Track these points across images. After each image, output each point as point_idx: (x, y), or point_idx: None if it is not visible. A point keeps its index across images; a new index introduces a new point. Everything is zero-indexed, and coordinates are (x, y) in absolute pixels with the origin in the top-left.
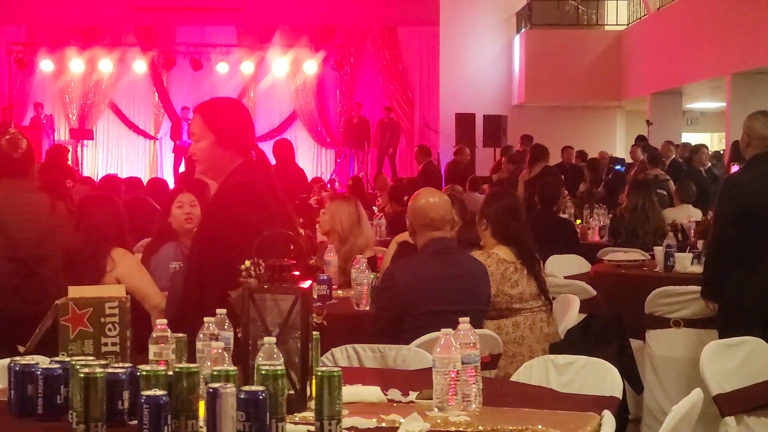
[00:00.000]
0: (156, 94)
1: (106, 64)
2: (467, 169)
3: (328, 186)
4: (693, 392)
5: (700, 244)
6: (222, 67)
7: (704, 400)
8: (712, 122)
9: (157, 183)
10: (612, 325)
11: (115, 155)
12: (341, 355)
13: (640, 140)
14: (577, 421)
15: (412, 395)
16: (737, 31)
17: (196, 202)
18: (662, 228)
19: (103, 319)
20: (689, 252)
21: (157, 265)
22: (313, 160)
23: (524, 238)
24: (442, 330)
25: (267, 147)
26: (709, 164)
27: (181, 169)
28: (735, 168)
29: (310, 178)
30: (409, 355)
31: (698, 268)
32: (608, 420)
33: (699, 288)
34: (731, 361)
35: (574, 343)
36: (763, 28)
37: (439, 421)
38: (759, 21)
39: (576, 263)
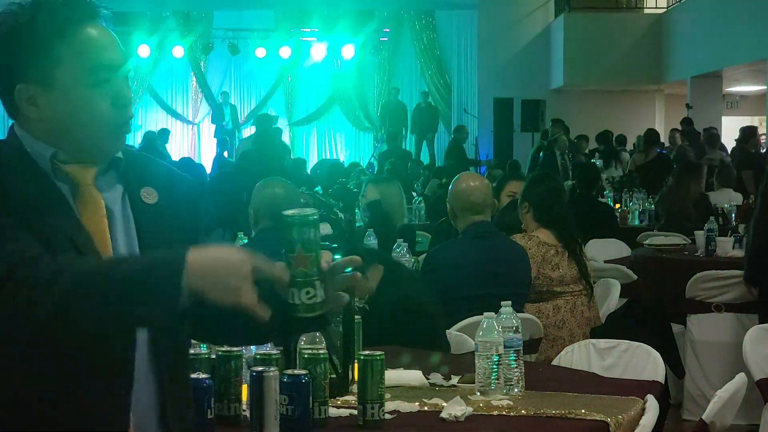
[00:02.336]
0: (194, 78)
1: (144, 49)
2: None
3: (367, 170)
4: (737, 377)
5: (741, 228)
6: (260, 52)
7: (747, 385)
8: (752, 105)
9: (196, 169)
10: (653, 310)
11: None
12: None
13: (685, 123)
14: (621, 405)
15: (454, 379)
16: None
17: None
18: (687, 211)
19: None
20: (730, 236)
21: None
22: (350, 145)
23: (566, 221)
24: (484, 314)
25: (305, 131)
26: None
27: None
28: None
29: (347, 163)
30: (452, 339)
31: (739, 252)
32: (652, 404)
33: (740, 272)
34: None
35: (615, 327)
36: None
37: (481, 404)
38: None
39: (616, 247)
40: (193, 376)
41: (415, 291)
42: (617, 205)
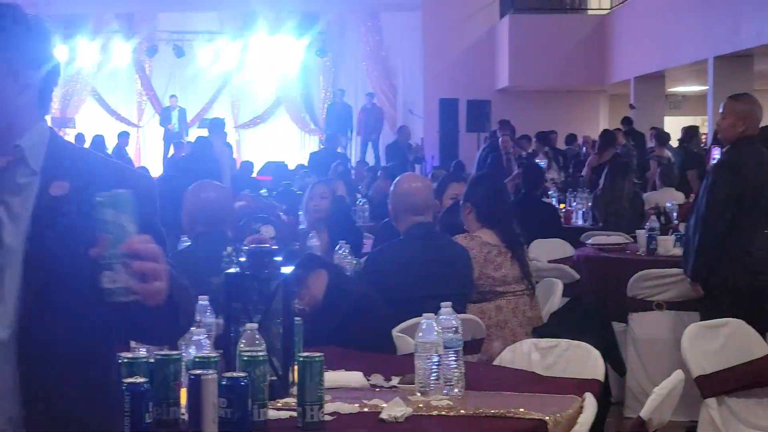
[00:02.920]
0: (139, 81)
1: (88, 52)
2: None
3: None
4: (674, 374)
5: (681, 227)
6: (205, 54)
7: (686, 382)
8: (694, 105)
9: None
10: (594, 309)
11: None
12: None
13: (626, 122)
14: (559, 404)
15: (395, 380)
16: (719, 14)
17: None
18: (623, 211)
19: None
20: (672, 235)
21: None
22: (296, 147)
23: (508, 221)
24: (423, 315)
25: (251, 134)
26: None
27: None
28: (716, 151)
29: (293, 165)
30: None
31: (680, 251)
32: (590, 402)
33: (681, 270)
34: (712, 342)
35: (557, 326)
36: (744, 11)
37: (421, 405)
38: (740, 3)
39: (560, 247)
40: (130, 380)
41: (365, 292)
42: (562, 205)
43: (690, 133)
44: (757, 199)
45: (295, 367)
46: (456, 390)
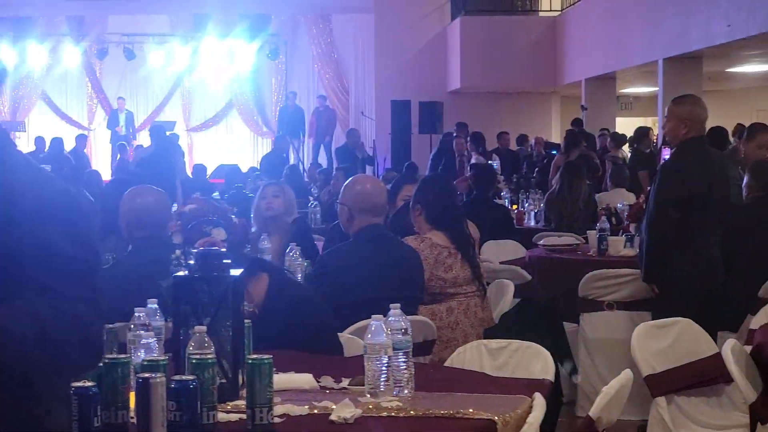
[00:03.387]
0: (89, 84)
1: (37, 55)
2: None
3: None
4: (623, 373)
5: (632, 227)
6: (156, 57)
7: (635, 381)
8: (645, 106)
9: (92, 175)
10: (546, 309)
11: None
12: None
13: (576, 124)
14: (508, 404)
15: (345, 382)
16: (668, 15)
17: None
18: (578, 212)
19: None
20: (622, 235)
21: None
22: (249, 150)
23: (459, 222)
24: (372, 316)
25: (203, 137)
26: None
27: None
28: (666, 151)
29: (246, 168)
30: (343, 342)
31: (631, 251)
32: (539, 402)
33: (632, 271)
34: (661, 341)
35: (508, 327)
36: (693, 13)
37: (371, 406)
38: (690, 5)
39: (512, 248)
40: (78, 384)
41: (306, 295)
42: (514, 207)
43: (641, 133)
44: (704, 201)
45: (245, 370)
46: (406, 391)
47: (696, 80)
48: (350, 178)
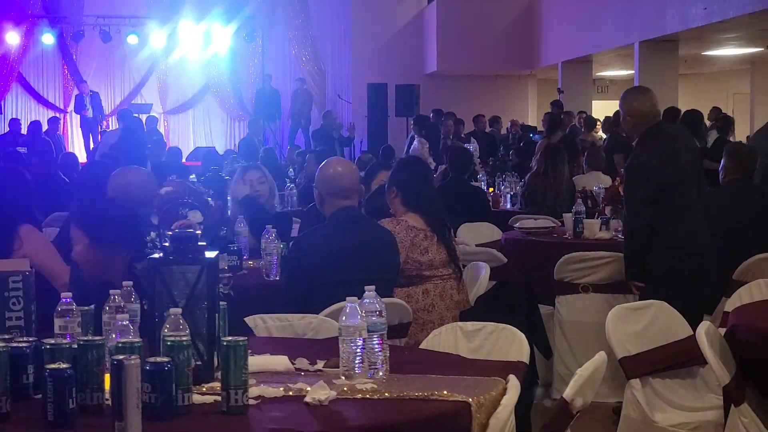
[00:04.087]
0: (65, 67)
1: (13, 37)
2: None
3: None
4: (597, 355)
5: (608, 210)
6: (132, 39)
7: (610, 363)
8: (621, 89)
9: (68, 157)
10: (521, 292)
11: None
12: (249, 325)
13: (556, 106)
14: (483, 385)
15: (320, 364)
16: None
17: None
18: (562, 195)
19: (6, 293)
20: (598, 218)
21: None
22: (225, 133)
23: (434, 205)
24: (347, 299)
25: (179, 119)
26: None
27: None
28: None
29: (222, 151)
30: (318, 325)
31: (607, 234)
32: (513, 384)
33: (607, 254)
34: (636, 324)
35: (483, 310)
36: None
37: (345, 388)
38: None
39: (488, 231)
40: (53, 366)
41: None
42: (491, 189)
43: (617, 117)
44: (672, 188)
45: (220, 352)
46: (380, 373)
47: (672, 63)
48: (323, 162)
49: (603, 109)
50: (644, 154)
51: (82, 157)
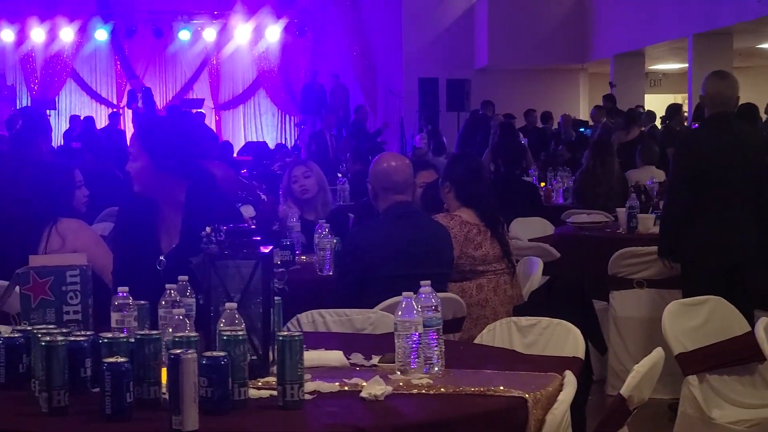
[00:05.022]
0: (118, 62)
1: (67, 33)
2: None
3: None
4: (654, 351)
5: (662, 205)
6: (184, 35)
7: (667, 359)
8: (674, 83)
9: (122, 153)
10: (575, 287)
11: None
12: (306, 320)
13: (608, 100)
14: (539, 381)
15: (375, 359)
16: None
17: None
18: (614, 190)
19: (64, 288)
20: (652, 213)
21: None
22: (276, 127)
23: (488, 200)
24: (403, 293)
25: (231, 115)
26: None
27: None
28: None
29: (272, 145)
30: (377, 320)
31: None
32: (570, 380)
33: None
34: (693, 319)
35: (537, 305)
36: None
37: (401, 383)
38: None
39: (540, 225)
40: (111, 360)
41: None
42: (542, 184)
43: (672, 110)
44: (719, 178)
45: (275, 347)
46: (436, 368)
47: (726, 56)
48: (376, 157)
49: (656, 102)
50: (695, 139)
51: None
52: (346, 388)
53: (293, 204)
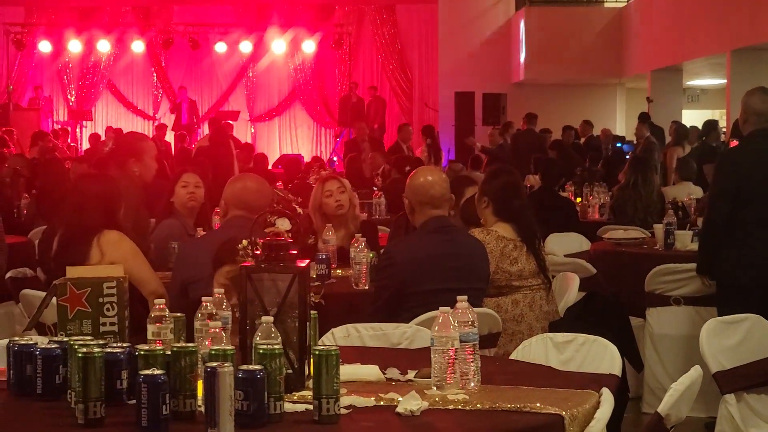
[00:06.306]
0: (154, 74)
1: (104, 45)
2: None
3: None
4: (692, 369)
5: (700, 221)
6: (220, 47)
7: (704, 378)
8: (712, 99)
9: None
10: (612, 303)
11: None
12: (341, 334)
13: (644, 118)
14: (576, 398)
15: (411, 374)
16: (737, 7)
17: (201, 183)
18: (654, 206)
19: (101, 299)
20: (689, 230)
21: (156, 243)
22: (312, 140)
23: (525, 215)
24: (440, 308)
25: (266, 127)
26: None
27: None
28: (734, 145)
29: (308, 158)
30: (413, 334)
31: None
32: (607, 398)
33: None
34: (731, 338)
35: (573, 321)
36: (762, 4)
37: (437, 399)
38: None
39: (576, 241)
40: (147, 372)
41: None
42: (578, 199)
43: (709, 126)
44: (759, 195)
45: (311, 361)
46: (472, 384)
47: (765, 72)
48: (414, 171)
49: (694, 118)
50: (736, 155)
51: None
52: (382, 403)
53: (321, 220)
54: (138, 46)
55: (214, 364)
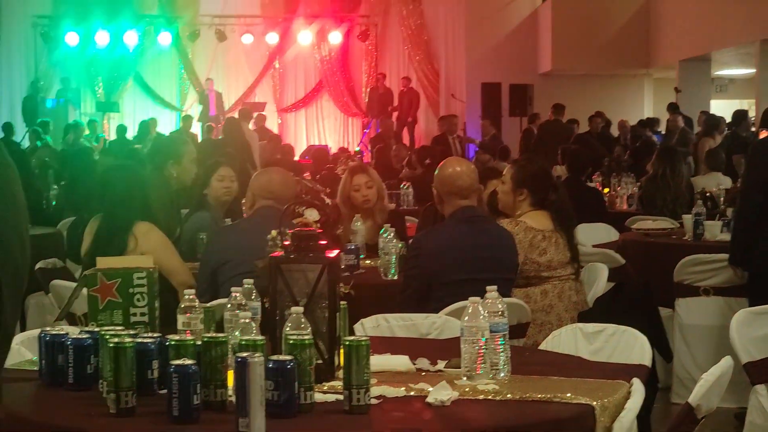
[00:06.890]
0: (181, 65)
1: (131, 37)
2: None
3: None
4: (723, 360)
5: (729, 212)
6: (247, 39)
7: (734, 368)
8: (741, 89)
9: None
10: (641, 294)
11: None
12: (371, 325)
13: (673, 109)
14: (606, 389)
15: (441, 364)
16: None
17: (235, 177)
18: (683, 197)
19: (131, 290)
20: (718, 220)
21: (186, 234)
22: (339, 131)
23: (564, 202)
24: (470, 298)
25: (293, 118)
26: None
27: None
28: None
29: (335, 149)
30: (442, 324)
31: (727, 236)
32: (637, 388)
33: (728, 256)
34: (761, 328)
35: (602, 311)
36: None
37: (467, 389)
38: None
39: (604, 232)
40: (178, 362)
41: None
42: (606, 190)
43: (739, 117)
44: None
45: (341, 351)
46: (502, 374)
47: None
48: (442, 162)
49: (722, 108)
50: None
51: None
52: (412, 393)
53: (349, 210)
54: (165, 38)
55: (245, 354)
